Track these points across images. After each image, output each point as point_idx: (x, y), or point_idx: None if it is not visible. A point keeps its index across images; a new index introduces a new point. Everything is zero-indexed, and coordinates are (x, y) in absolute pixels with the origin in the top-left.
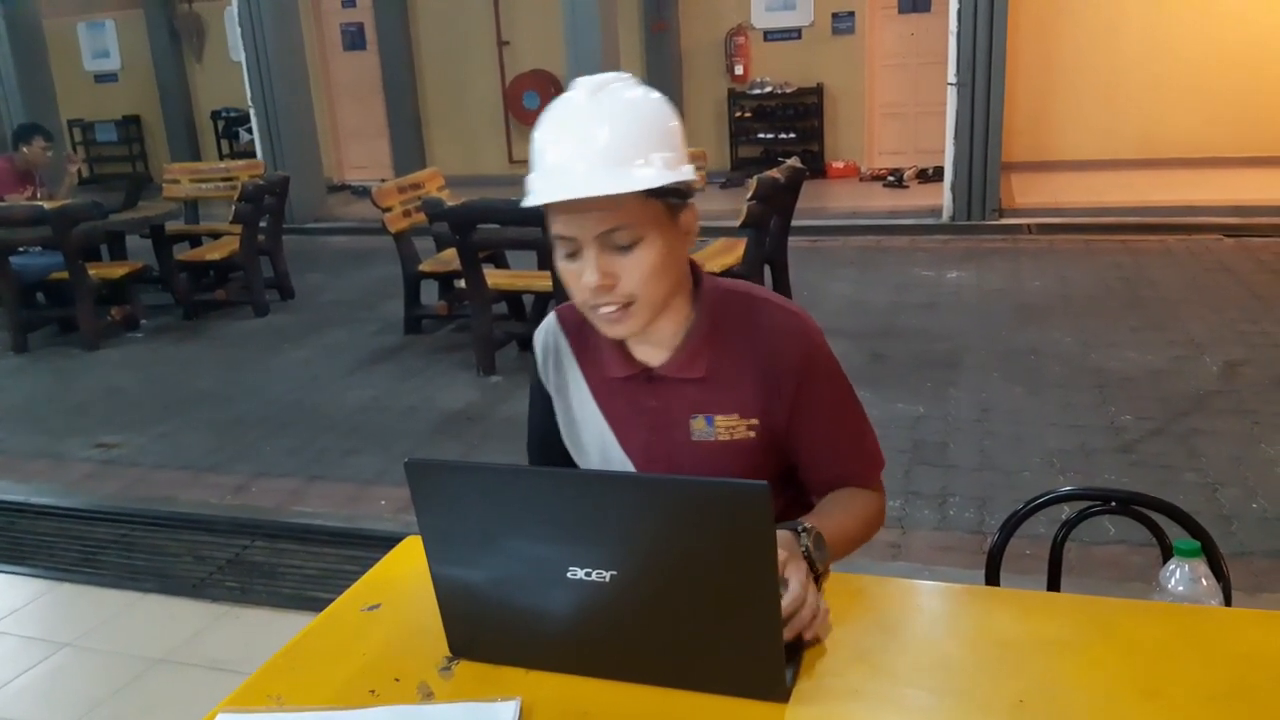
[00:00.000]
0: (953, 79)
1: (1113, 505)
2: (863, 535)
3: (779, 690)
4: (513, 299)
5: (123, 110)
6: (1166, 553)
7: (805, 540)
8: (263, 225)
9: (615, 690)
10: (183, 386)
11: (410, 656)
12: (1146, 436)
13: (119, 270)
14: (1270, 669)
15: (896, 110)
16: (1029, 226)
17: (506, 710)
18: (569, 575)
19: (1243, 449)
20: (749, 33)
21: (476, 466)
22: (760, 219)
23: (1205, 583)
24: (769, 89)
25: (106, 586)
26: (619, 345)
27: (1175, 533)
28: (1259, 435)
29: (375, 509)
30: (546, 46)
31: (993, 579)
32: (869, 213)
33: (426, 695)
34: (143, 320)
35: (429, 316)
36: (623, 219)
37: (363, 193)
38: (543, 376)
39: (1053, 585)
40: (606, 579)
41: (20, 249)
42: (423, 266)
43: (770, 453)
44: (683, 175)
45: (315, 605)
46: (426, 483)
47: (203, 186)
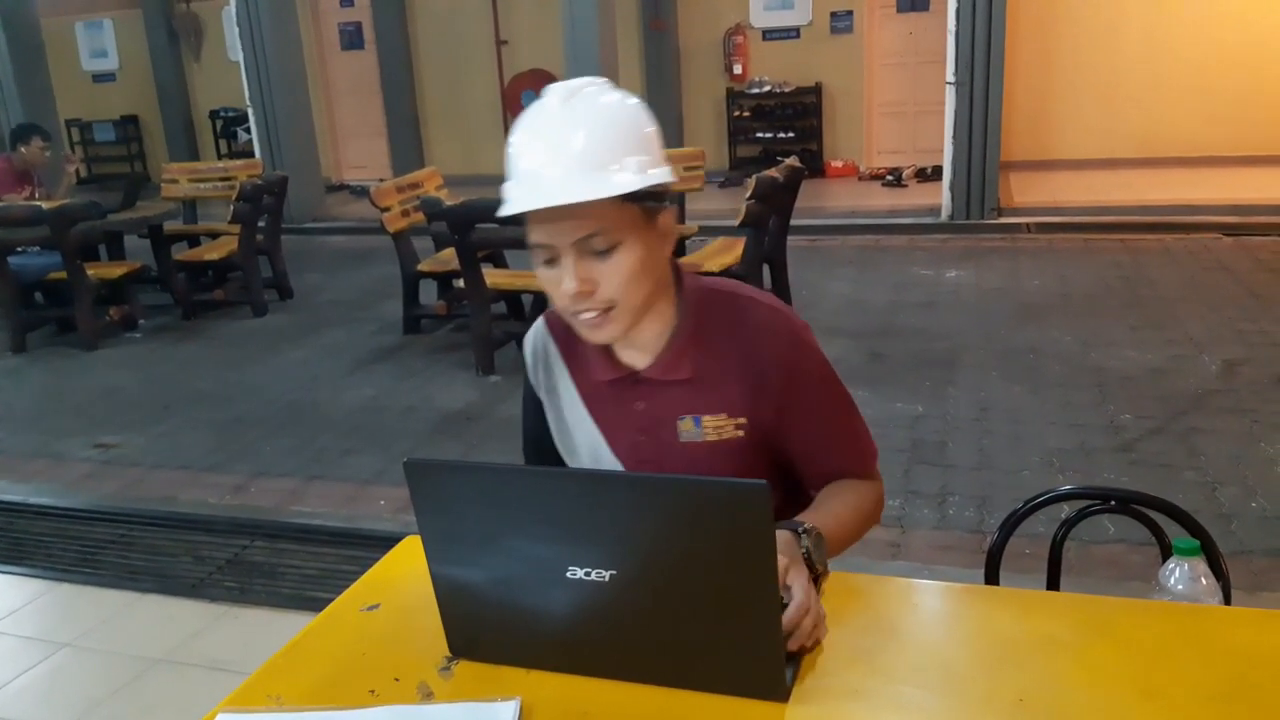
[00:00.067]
0: (951, 78)
1: (1112, 504)
2: (863, 526)
3: (779, 690)
4: (511, 298)
5: (121, 110)
6: (1166, 551)
7: (805, 542)
8: (261, 225)
9: (615, 690)
10: (181, 386)
11: (410, 656)
12: (1146, 435)
13: (117, 270)
14: (1270, 668)
15: (895, 109)
16: (1028, 225)
17: (506, 710)
18: (569, 575)
19: (1242, 448)
20: (747, 32)
21: (476, 466)
22: (759, 218)
23: (1205, 581)
24: (767, 88)
25: (106, 586)
26: (605, 349)
27: (1174, 531)
28: (1258, 434)
29: (374, 509)
30: (545, 46)
31: (992, 578)
32: (868, 212)
33: (426, 695)
34: (141, 320)
35: (428, 316)
36: (599, 224)
37: (361, 192)
38: (533, 381)
39: (1052, 584)
40: (606, 579)
41: (18, 249)
42: (421, 266)
43: (760, 451)
44: (657, 179)
45: (315, 605)
46: (426, 482)
47: (201, 186)
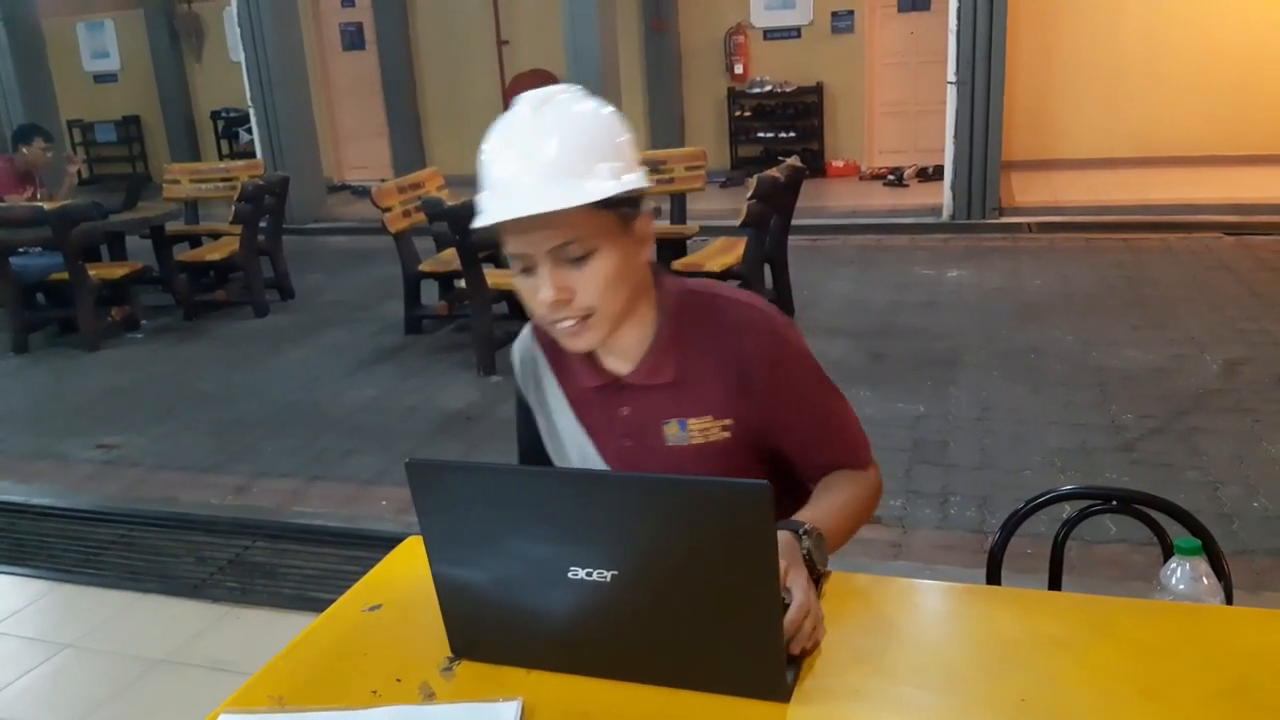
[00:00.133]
0: (952, 77)
1: (1114, 504)
2: (862, 517)
3: (780, 690)
4: (513, 298)
5: (122, 110)
6: (1167, 551)
7: (806, 543)
8: (262, 225)
9: (616, 690)
10: (183, 387)
11: (412, 657)
12: (1147, 435)
13: (119, 271)
14: (1271, 667)
15: (896, 109)
16: (1029, 225)
17: (508, 710)
18: (570, 575)
19: (1244, 447)
20: (748, 31)
21: (477, 466)
22: (760, 218)
23: (1206, 581)
24: (769, 88)
25: (107, 587)
26: (589, 355)
27: (1176, 531)
28: (1260, 433)
29: (376, 509)
30: (546, 46)
31: (994, 578)
32: (869, 212)
33: (428, 695)
34: (143, 321)
35: (429, 316)
36: (573, 232)
37: (362, 193)
38: (522, 389)
39: (1054, 584)
40: (607, 579)
41: (20, 250)
42: (423, 266)
43: (747, 451)
44: (630, 185)
45: (316, 605)
46: (427, 483)
47: (202, 187)
